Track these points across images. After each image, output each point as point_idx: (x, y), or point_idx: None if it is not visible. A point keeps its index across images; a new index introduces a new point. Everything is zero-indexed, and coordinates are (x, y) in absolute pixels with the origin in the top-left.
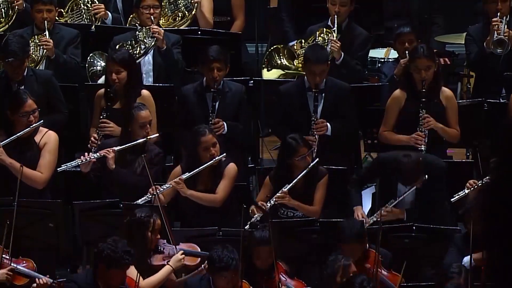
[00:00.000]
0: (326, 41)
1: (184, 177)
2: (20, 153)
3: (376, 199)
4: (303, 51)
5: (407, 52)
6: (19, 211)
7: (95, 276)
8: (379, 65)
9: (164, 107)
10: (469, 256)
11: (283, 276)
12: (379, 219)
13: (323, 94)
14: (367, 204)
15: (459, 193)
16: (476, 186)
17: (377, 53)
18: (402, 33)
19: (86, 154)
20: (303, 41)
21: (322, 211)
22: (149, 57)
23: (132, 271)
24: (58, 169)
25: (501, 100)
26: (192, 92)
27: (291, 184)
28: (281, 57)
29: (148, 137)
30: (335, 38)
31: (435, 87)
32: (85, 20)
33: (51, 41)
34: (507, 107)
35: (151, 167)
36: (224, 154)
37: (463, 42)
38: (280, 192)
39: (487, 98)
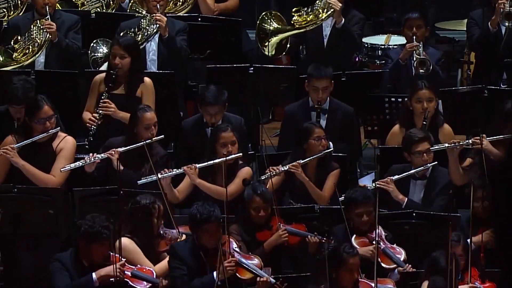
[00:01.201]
0: (327, 5)
1: (198, 165)
2: (36, 157)
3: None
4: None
5: (414, 37)
6: (19, 197)
7: (77, 253)
8: (379, 51)
9: (166, 94)
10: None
11: (282, 225)
12: (378, 186)
13: (326, 115)
14: None
15: (440, 145)
16: (457, 143)
17: (377, 39)
18: (410, 18)
19: (90, 154)
20: (302, 10)
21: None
22: (153, 45)
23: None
24: (61, 169)
25: (502, 86)
26: (191, 125)
27: (306, 160)
28: (271, 22)
29: (153, 139)
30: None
31: (435, 123)
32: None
33: (54, 24)
34: None
35: (157, 169)
36: (241, 154)
37: (464, 29)
38: (296, 162)
39: (488, 84)
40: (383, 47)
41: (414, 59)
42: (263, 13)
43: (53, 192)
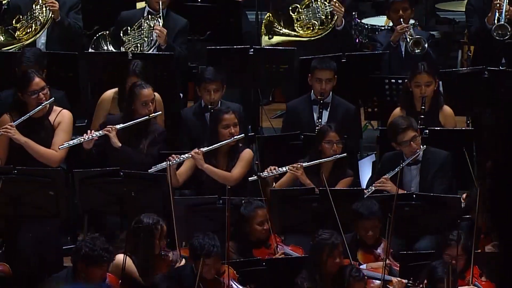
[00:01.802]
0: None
1: (204, 149)
2: (34, 133)
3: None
4: (300, 16)
5: (401, 19)
6: (19, 179)
7: (75, 274)
8: (377, 33)
9: (164, 75)
10: None
11: (279, 245)
12: (376, 188)
13: (328, 110)
14: (366, 173)
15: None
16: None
17: (377, 21)
18: (395, 2)
19: (88, 131)
20: (298, 6)
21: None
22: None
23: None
24: (60, 146)
25: (501, 68)
26: (191, 114)
27: (311, 163)
28: (281, 24)
29: (151, 115)
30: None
31: (435, 105)
32: None
33: (56, 2)
34: None
35: (155, 144)
36: (243, 135)
37: (464, 10)
38: (297, 163)
39: (488, 66)
40: (383, 28)
41: (408, 40)
42: (276, 12)
43: (53, 173)
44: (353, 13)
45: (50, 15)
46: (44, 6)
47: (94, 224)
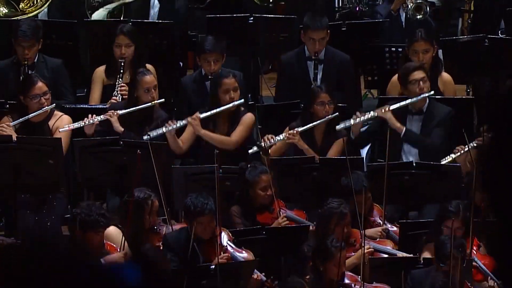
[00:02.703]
0: None
1: (201, 115)
2: (33, 136)
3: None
4: None
5: None
6: (19, 148)
7: (73, 242)
8: (377, 1)
9: (163, 44)
10: None
11: (282, 209)
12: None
13: (322, 64)
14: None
15: (446, 157)
16: (463, 151)
17: None
18: None
19: (89, 115)
20: None
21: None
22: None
23: (112, 234)
24: (61, 129)
25: (500, 35)
26: (191, 82)
27: (305, 127)
28: None
29: (153, 102)
30: None
31: (434, 72)
32: None
33: None
34: None
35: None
36: (243, 100)
37: None
38: (293, 130)
39: (487, 33)
40: None
41: (410, 6)
42: None
43: (53, 142)
44: None
45: None
46: None
47: (94, 194)
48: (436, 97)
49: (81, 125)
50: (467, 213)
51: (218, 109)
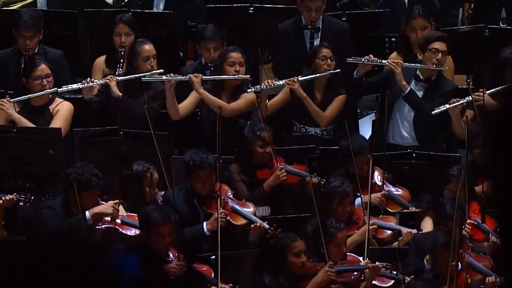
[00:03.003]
0: None
1: (204, 77)
2: (33, 119)
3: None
4: None
5: None
6: (18, 138)
7: (67, 202)
8: None
9: (163, 34)
10: None
11: (281, 164)
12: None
13: (320, 33)
14: (366, 132)
15: (440, 107)
16: (457, 103)
17: None
18: None
19: (88, 79)
20: None
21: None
22: None
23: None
24: (59, 89)
25: (501, 25)
26: (191, 71)
27: (307, 77)
28: None
29: (152, 72)
30: None
31: None
32: None
33: None
34: None
35: (155, 99)
36: (248, 76)
37: None
38: (293, 78)
39: (488, 23)
40: None
41: None
42: None
43: (52, 132)
44: None
45: None
46: None
47: None
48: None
49: (79, 87)
50: (468, 178)
51: (222, 77)
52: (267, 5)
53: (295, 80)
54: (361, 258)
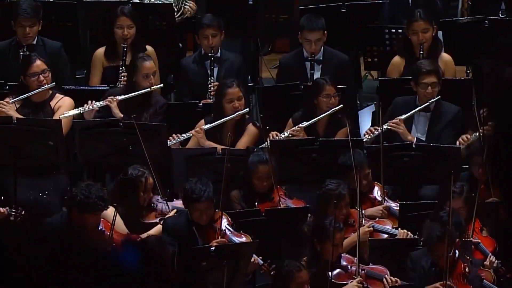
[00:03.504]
0: None
1: (205, 127)
2: (35, 116)
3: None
4: None
5: None
6: (18, 129)
7: (69, 219)
8: None
9: (163, 26)
10: None
11: (282, 198)
12: (387, 127)
13: (320, 65)
14: (366, 123)
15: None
16: (467, 142)
17: None
18: None
19: (89, 102)
20: None
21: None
22: None
23: (109, 214)
24: (60, 115)
25: (501, 16)
26: (191, 62)
27: (310, 122)
28: None
29: (152, 87)
30: None
31: (433, 52)
32: None
33: None
34: None
35: (156, 116)
36: (248, 109)
37: None
38: (297, 126)
39: (487, 14)
40: None
41: None
42: None
43: (53, 123)
44: None
45: None
46: None
47: (94, 175)
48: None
49: (81, 112)
50: (470, 194)
51: (222, 120)
52: None
53: (299, 129)
54: (355, 259)
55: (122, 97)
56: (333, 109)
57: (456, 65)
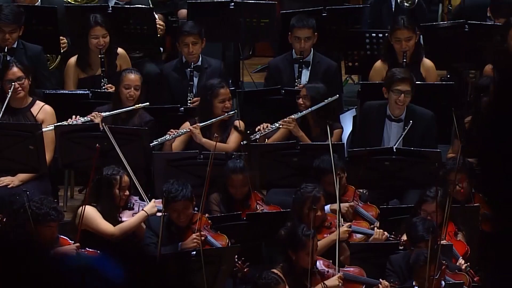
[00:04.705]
0: None
1: (201, 124)
2: (16, 121)
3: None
4: None
5: None
6: None
7: (26, 233)
8: None
9: (144, 30)
10: None
11: (259, 204)
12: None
13: (309, 68)
14: (347, 127)
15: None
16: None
17: None
18: None
19: (73, 116)
20: None
21: None
22: None
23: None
24: (44, 129)
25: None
26: (171, 70)
27: (302, 113)
28: None
29: (137, 106)
30: None
31: (416, 58)
32: None
33: None
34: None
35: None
36: (235, 110)
37: None
38: (288, 117)
39: (475, 18)
40: None
41: None
42: None
43: (33, 127)
44: None
45: None
46: None
47: (75, 178)
48: (418, 82)
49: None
50: (444, 199)
51: (214, 120)
52: (248, 1)
53: (291, 120)
54: (330, 262)
55: (107, 113)
56: (327, 101)
57: (436, 69)
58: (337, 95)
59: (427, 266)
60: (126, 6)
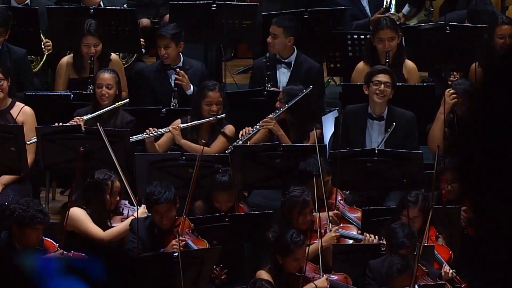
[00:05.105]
0: None
1: (182, 125)
2: None
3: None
4: None
5: None
6: None
7: (10, 237)
8: None
9: (126, 31)
10: None
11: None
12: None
13: (291, 69)
14: (329, 129)
15: None
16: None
17: None
18: None
19: (56, 124)
20: None
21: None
22: None
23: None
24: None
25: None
26: (152, 71)
27: (280, 111)
28: None
29: (117, 104)
30: None
31: (398, 59)
32: None
33: None
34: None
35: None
36: (224, 115)
37: None
38: (267, 117)
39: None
40: None
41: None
42: None
43: (14, 129)
44: None
45: None
46: None
47: (57, 180)
48: (400, 84)
49: None
50: (425, 203)
51: (198, 122)
52: (230, 3)
53: (270, 119)
54: (317, 267)
55: (89, 116)
56: (302, 93)
57: (418, 71)
58: (311, 86)
59: (400, 277)
60: (108, 7)
